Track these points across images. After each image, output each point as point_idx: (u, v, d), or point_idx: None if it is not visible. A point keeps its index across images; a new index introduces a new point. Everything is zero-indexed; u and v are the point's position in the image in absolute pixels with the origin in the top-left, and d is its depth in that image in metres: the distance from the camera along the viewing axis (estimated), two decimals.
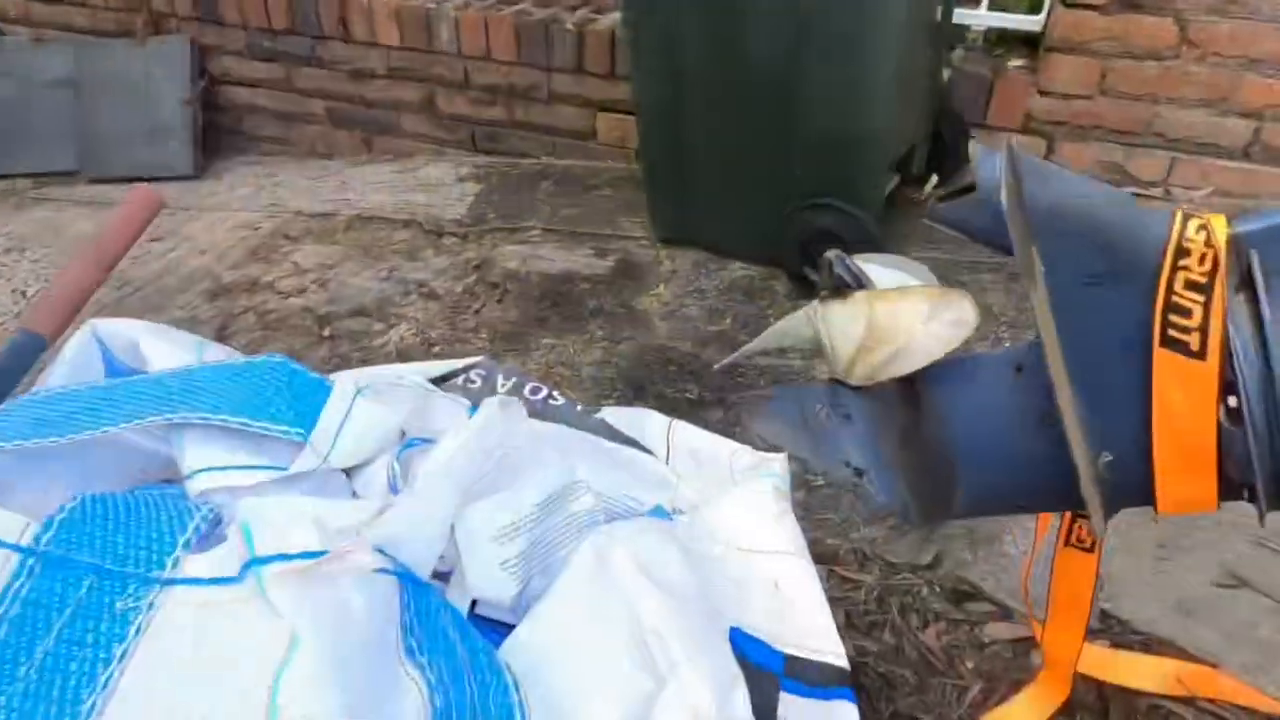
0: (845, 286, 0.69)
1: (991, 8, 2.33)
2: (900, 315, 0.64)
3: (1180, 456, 0.61)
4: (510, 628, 0.69)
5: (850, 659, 1.10)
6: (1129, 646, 1.07)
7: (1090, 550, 0.85)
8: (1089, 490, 0.63)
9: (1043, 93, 2.20)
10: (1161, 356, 0.58)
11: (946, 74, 2.27)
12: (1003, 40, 2.36)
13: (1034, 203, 0.59)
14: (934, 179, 2.24)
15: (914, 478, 0.72)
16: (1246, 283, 0.55)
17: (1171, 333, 0.57)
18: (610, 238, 2.25)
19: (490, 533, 0.69)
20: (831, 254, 0.69)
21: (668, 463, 1.08)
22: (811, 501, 1.33)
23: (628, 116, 2.49)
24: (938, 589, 1.17)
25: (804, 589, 0.83)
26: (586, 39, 2.53)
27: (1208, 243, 0.56)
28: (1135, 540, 1.20)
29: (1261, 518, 0.60)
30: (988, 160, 0.59)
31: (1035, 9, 2.24)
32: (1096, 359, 0.61)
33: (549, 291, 2.03)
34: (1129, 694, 1.01)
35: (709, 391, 1.61)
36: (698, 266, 2.09)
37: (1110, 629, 1.09)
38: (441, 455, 0.67)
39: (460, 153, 2.92)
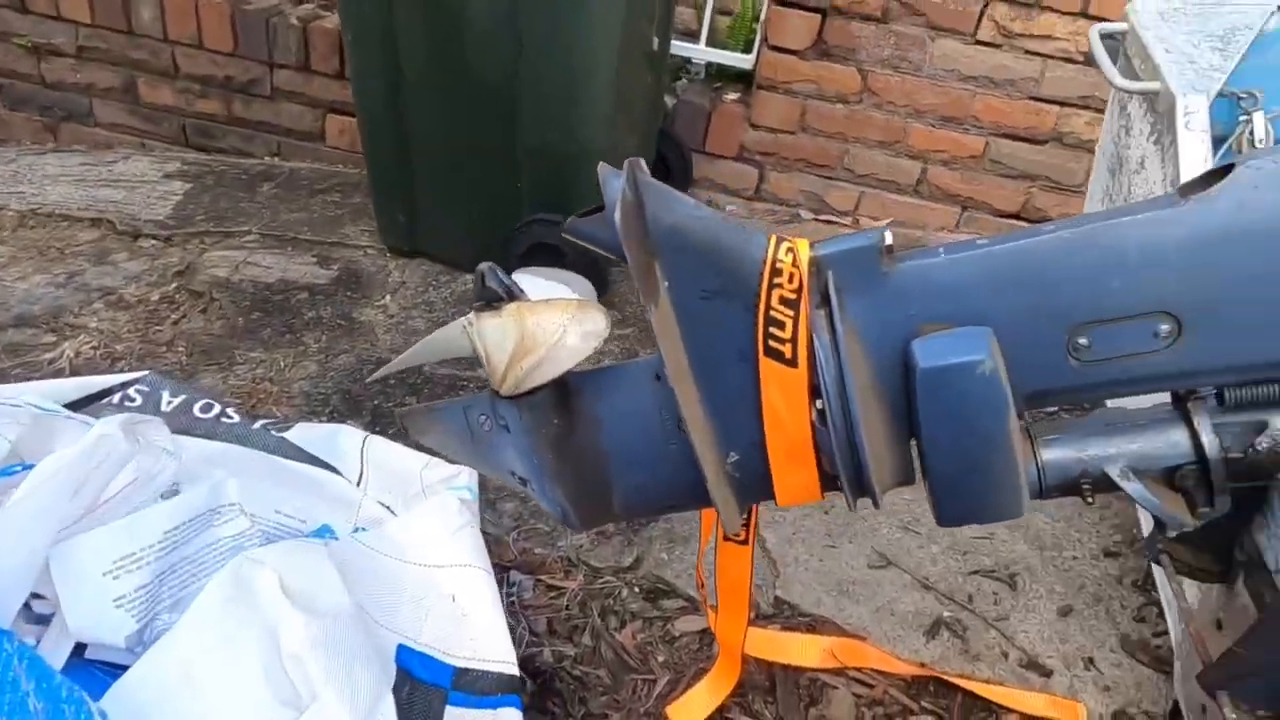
0: (498, 299, 0.70)
1: (710, 44, 2.51)
2: (543, 326, 0.66)
3: (788, 454, 0.68)
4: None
5: (548, 665, 1.12)
6: (796, 627, 1.18)
7: (745, 543, 0.92)
8: (716, 490, 0.69)
9: (754, 126, 2.40)
10: (765, 365, 0.65)
11: (671, 102, 2.42)
12: (723, 74, 2.55)
13: (656, 222, 0.63)
14: None
15: (571, 483, 0.74)
16: (826, 299, 0.63)
17: (771, 343, 0.64)
18: (335, 245, 2.14)
19: (102, 566, 0.62)
20: (484, 266, 0.70)
21: (361, 479, 1.05)
22: (523, 512, 1.34)
23: None
24: (636, 589, 1.23)
25: (481, 600, 0.84)
26: (313, 35, 2.40)
27: (794, 263, 0.63)
28: (807, 531, 1.33)
29: (850, 504, 0.68)
30: (614, 180, 0.63)
31: (749, 48, 2.44)
32: (718, 366, 0.67)
33: (262, 301, 1.89)
34: (793, 671, 1.11)
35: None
36: (428, 278, 2.04)
37: (782, 613, 1.20)
38: (30, 483, 0.59)
39: (168, 147, 2.64)
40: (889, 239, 0.62)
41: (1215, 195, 0.55)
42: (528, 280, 0.74)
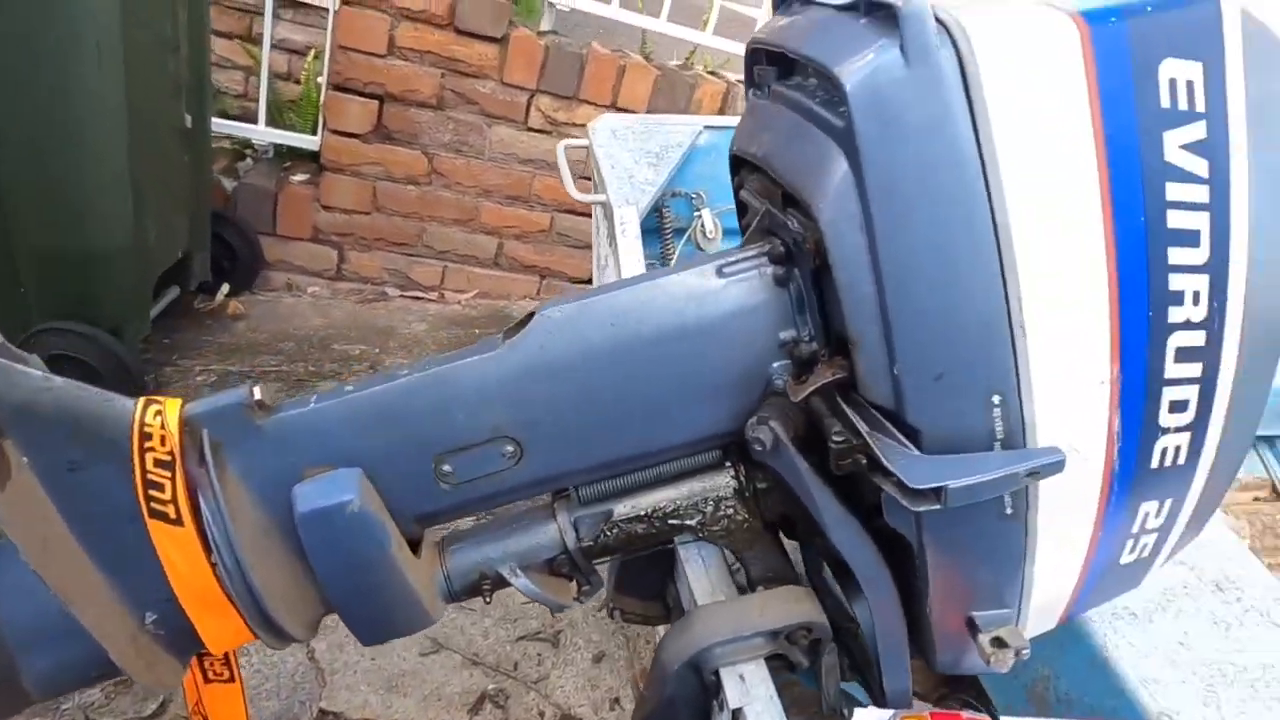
0: None
1: (277, 123, 2.44)
2: None
3: (201, 604, 0.68)
4: None
5: None
6: None
7: (232, 680, 0.90)
8: (128, 658, 0.66)
9: (326, 208, 2.38)
10: (154, 526, 0.64)
11: (231, 184, 2.30)
12: (295, 154, 2.49)
13: (3, 400, 0.60)
14: (225, 287, 2.23)
15: None
16: (204, 457, 0.64)
17: (155, 505, 0.64)
18: None
19: None
20: None
21: None
22: None
23: None
24: None
25: None
26: None
27: (163, 426, 0.63)
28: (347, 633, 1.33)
29: (268, 642, 0.69)
30: None
31: (317, 129, 2.42)
32: (109, 532, 0.65)
33: None
34: None
35: None
36: None
37: None
38: None
39: None
40: (258, 394, 0.65)
41: (522, 339, 0.67)
42: None
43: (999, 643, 0.67)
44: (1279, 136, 0.59)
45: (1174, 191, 0.57)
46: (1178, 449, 0.66)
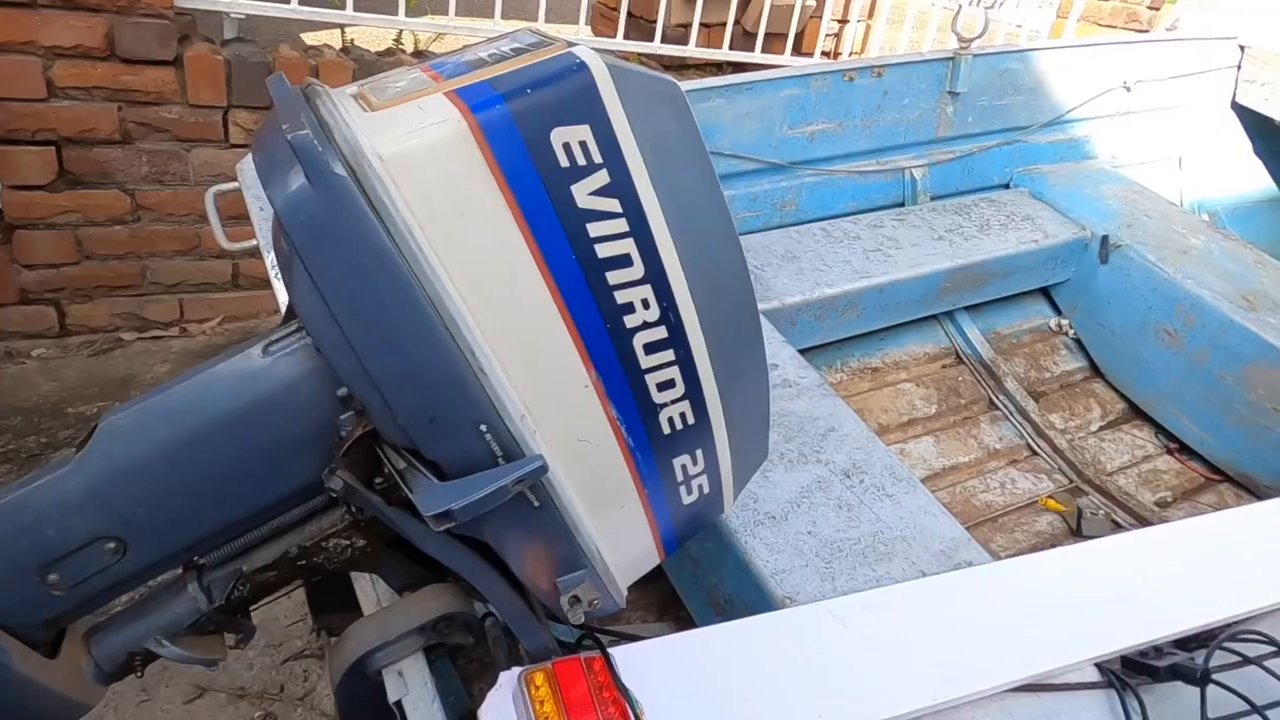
0: None
1: None
2: None
3: None
4: None
5: None
6: None
7: None
8: None
9: (28, 266, 2.24)
10: None
11: None
12: None
13: None
14: None
15: None
16: None
17: None
18: None
19: None
20: None
21: None
22: None
23: None
24: None
25: None
26: None
27: None
28: (119, 696, 1.36)
29: None
30: None
31: None
32: None
33: None
34: None
35: None
36: None
37: None
38: None
39: None
40: None
41: (90, 451, 0.73)
42: None
43: (575, 600, 0.82)
44: (672, 159, 0.73)
45: (596, 229, 0.70)
46: (683, 414, 0.80)
